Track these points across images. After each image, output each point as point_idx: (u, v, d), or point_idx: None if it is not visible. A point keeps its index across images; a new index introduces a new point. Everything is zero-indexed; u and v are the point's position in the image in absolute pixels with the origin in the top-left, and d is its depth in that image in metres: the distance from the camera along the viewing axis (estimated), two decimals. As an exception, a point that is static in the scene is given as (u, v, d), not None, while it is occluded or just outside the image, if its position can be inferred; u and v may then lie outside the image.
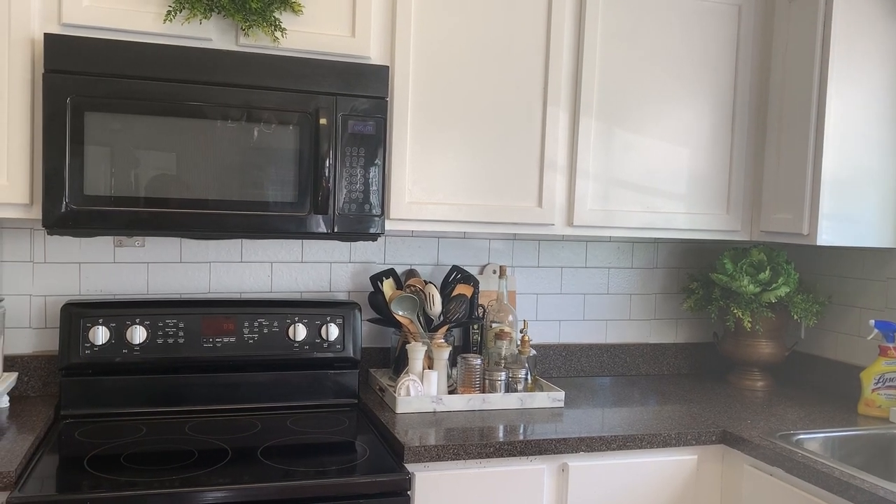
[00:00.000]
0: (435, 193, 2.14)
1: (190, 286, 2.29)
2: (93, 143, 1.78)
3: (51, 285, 2.17)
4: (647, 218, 2.33)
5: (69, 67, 1.76)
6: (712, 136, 2.40)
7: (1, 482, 1.55)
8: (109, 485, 1.59)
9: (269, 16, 1.91)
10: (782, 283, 2.48)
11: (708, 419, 2.16)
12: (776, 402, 2.41)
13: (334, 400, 2.25)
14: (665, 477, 2.03)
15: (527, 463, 1.92)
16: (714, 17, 2.37)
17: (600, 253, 2.71)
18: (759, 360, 2.59)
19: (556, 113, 2.21)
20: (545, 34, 2.20)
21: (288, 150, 1.92)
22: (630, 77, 2.29)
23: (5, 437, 1.77)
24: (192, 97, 1.84)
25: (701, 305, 2.65)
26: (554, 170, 2.23)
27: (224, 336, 2.14)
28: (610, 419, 2.13)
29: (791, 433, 2.03)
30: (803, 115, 2.27)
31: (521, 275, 2.61)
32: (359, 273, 2.44)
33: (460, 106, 2.14)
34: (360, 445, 1.92)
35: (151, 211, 1.83)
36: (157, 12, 1.87)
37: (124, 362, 2.07)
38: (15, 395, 2.11)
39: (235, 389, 2.17)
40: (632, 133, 2.30)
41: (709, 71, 2.38)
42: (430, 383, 2.14)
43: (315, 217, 1.96)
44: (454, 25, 2.12)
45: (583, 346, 2.69)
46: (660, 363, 2.78)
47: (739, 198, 2.44)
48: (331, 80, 1.95)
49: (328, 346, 2.24)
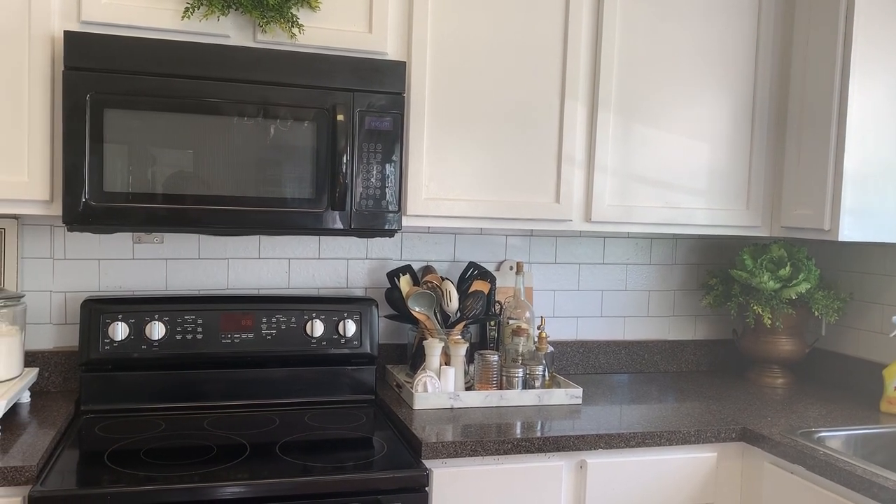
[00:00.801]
0: (452, 189, 2.13)
1: (208, 282, 2.30)
2: (112, 139, 1.79)
3: (71, 281, 2.19)
4: (666, 213, 2.32)
5: (88, 65, 1.77)
6: (732, 131, 2.38)
7: (23, 476, 1.56)
8: (129, 479, 1.60)
9: (287, 12, 1.91)
10: (803, 279, 2.45)
11: (727, 416, 2.14)
12: (796, 399, 2.38)
13: (351, 396, 2.25)
14: (684, 474, 2.02)
15: (545, 459, 1.91)
16: (734, 11, 2.34)
17: (618, 249, 2.69)
18: (779, 357, 2.57)
19: (574, 107, 2.20)
20: (563, 28, 2.18)
21: (305, 147, 1.93)
22: (648, 71, 2.27)
23: (27, 432, 1.79)
24: (210, 94, 1.85)
25: (720, 302, 2.63)
26: (572, 165, 2.21)
27: (242, 332, 2.15)
28: (628, 416, 2.11)
29: (812, 431, 2.01)
30: (825, 108, 2.24)
31: (538, 271, 2.60)
32: (375, 269, 2.44)
33: (477, 101, 2.13)
34: (378, 441, 1.92)
35: (170, 207, 1.84)
36: (175, 9, 1.87)
37: (143, 358, 2.09)
38: (36, 390, 2.13)
39: (253, 385, 2.17)
40: (650, 127, 2.28)
41: (728, 65, 2.35)
42: (448, 380, 2.14)
43: (332, 213, 1.96)
44: (471, 20, 2.11)
45: (600, 342, 2.67)
46: (678, 360, 2.76)
47: (759, 193, 2.41)
48: (348, 76, 1.94)
49: (345, 343, 2.24)
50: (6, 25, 1.77)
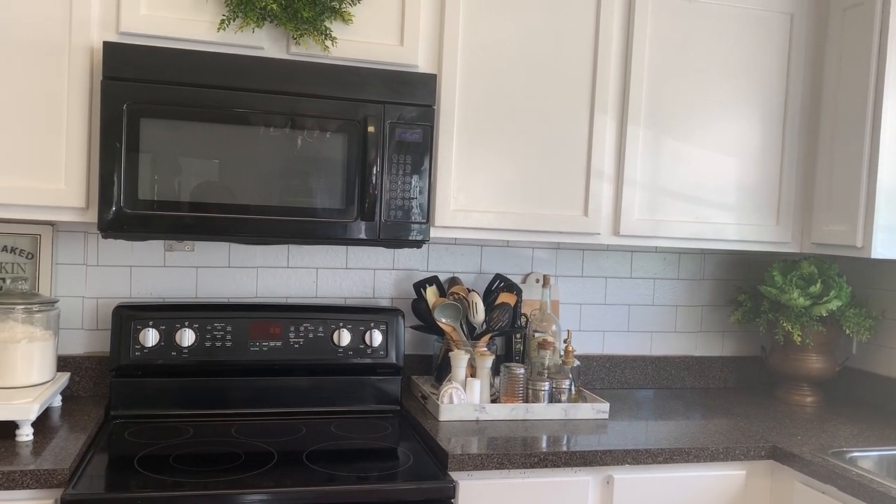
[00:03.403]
0: (480, 201, 2.14)
1: (237, 290, 2.32)
2: (147, 148, 1.82)
3: (103, 288, 2.22)
4: (695, 228, 2.30)
5: (126, 75, 1.80)
6: (762, 146, 2.36)
7: (55, 479, 1.58)
8: (158, 485, 1.61)
9: (320, 24, 1.93)
10: (834, 296, 2.42)
11: (756, 434, 2.11)
12: (827, 418, 2.35)
13: (377, 406, 2.25)
14: (713, 492, 1.99)
15: (571, 474, 1.90)
16: (765, 26, 2.33)
17: (646, 263, 2.67)
18: (808, 375, 2.53)
19: (604, 121, 2.20)
20: (593, 41, 2.19)
21: (335, 157, 1.94)
22: (679, 85, 2.26)
23: (59, 436, 1.81)
24: (245, 104, 1.87)
25: (749, 318, 2.60)
26: (600, 178, 2.21)
27: (270, 340, 2.17)
28: (655, 432, 2.09)
29: (844, 450, 1.98)
30: (858, 124, 2.21)
31: (564, 284, 2.60)
32: (402, 280, 2.45)
33: (506, 114, 2.14)
34: (404, 452, 1.92)
35: (203, 216, 1.86)
36: (211, 21, 1.91)
37: (173, 364, 2.11)
38: (67, 394, 2.16)
39: (280, 393, 2.19)
40: (680, 142, 2.27)
41: (759, 79, 2.34)
42: (473, 391, 2.13)
43: (361, 223, 1.97)
44: (501, 33, 2.12)
45: (627, 357, 2.65)
46: (706, 376, 2.74)
47: (790, 209, 2.39)
48: (379, 88, 1.96)
49: (371, 353, 2.25)
50: (48, 37, 1.81)
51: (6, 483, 1.56)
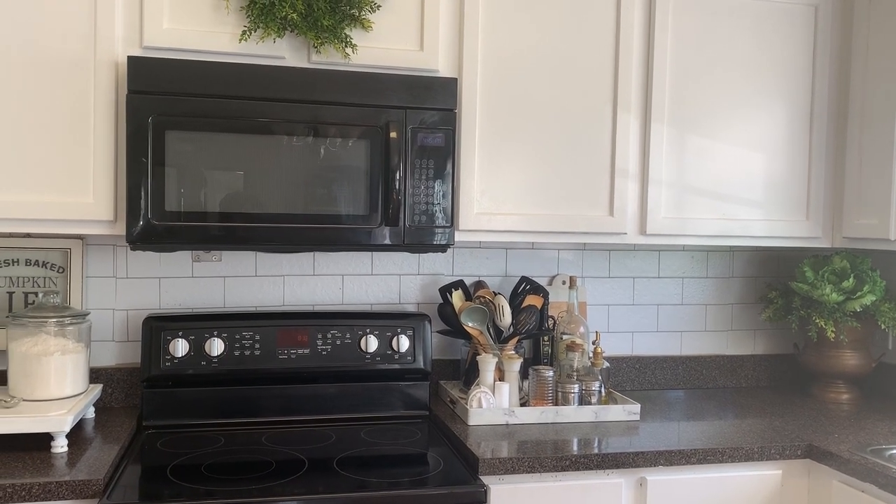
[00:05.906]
0: (503, 204, 2.13)
1: (265, 299, 2.33)
2: (172, 160, 1.84)
3: (132, 300, 2.25)
4: (722, 225, 2.27)
5: (151, 88, 1.82)
6: (789, 140, 2.32)
7: (90, 489, 1.60)
8: (191, 494, 1.62)
9: (340, 32, 1.94)
10: (867, 290, 2.37)
11: (792, 433, 2.08)
12: (864, 415, 2.30)
13: (406, 412, 2.25)
14: (748, 492, 1.96)
15: (604, 477, 1.88)
16: (789, 19, 2.30)
17: (673, 262, 2.65)
18: (843, 372, 2.48)
19: (627, 119, 2.18)
20: (614, 40, 2.17)
21: (358, 164, 1.95)
22: (702, 81, 2.24)
23: (92, 447, 1.83)
24: (267, 114, 1.89)
25: (780, 315, 2.56)
26: (625, 177, 2.19)
27: (298, 348, 2.18)
28: (688, 433, 2.07)
29: (883, 448, 1.94)
30: (887, 116, 2.17)
31: (591, 285, 2.58)
32: (427, 285, 2.45)
33: (528, 115, 2.13)
34: (434, 457, 1.91)
35: (229, 226, 1.88)
36: (232, 33, 1.92)
37: (203, 374, 2.12)
38: (99, 406, 2.18)
39: (309, 401, 2.19)
40: (705, 138, 2.25)
41: (784, 73, 2.31)
42: (502, 395, 2.12)
43: (386, 229, 1.97)
44: (521, 35, 2.11)
45: (657, 358, 2.63)
46: (737, 375, 2.70)
47: (819, 203, 2.35)
48: (400, 93, 1.96)
49: (399, 358, 2.24)
50: (73, 52, 1.84)
51: (43, 494, 1.58)
